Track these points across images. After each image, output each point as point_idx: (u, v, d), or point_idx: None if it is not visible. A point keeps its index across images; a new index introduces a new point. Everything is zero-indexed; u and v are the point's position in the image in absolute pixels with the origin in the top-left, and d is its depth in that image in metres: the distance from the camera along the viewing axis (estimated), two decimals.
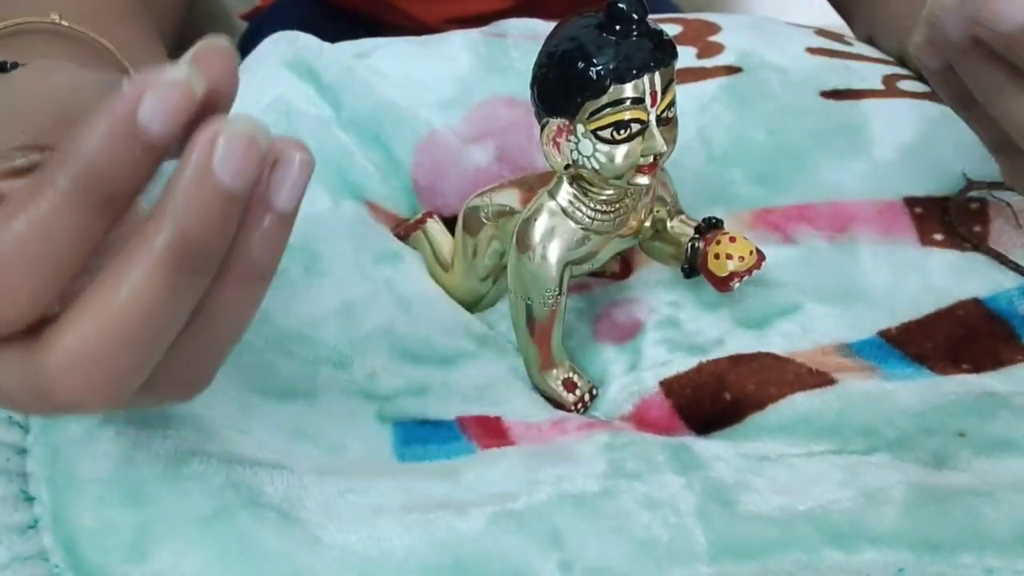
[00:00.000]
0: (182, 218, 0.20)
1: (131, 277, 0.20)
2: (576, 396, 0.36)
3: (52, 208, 0.20)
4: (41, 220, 0.20)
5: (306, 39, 0.47)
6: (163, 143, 0.20)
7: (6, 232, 0.20)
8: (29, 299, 0.21)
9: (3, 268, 0.20)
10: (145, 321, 0.21)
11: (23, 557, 0.27)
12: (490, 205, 0.37)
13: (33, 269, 0.20)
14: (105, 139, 0.19)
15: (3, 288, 0.20)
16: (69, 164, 0.20)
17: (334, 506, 0.29)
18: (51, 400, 0.22)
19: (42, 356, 0.21)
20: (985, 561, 0.28)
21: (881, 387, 0.34)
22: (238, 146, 0.20)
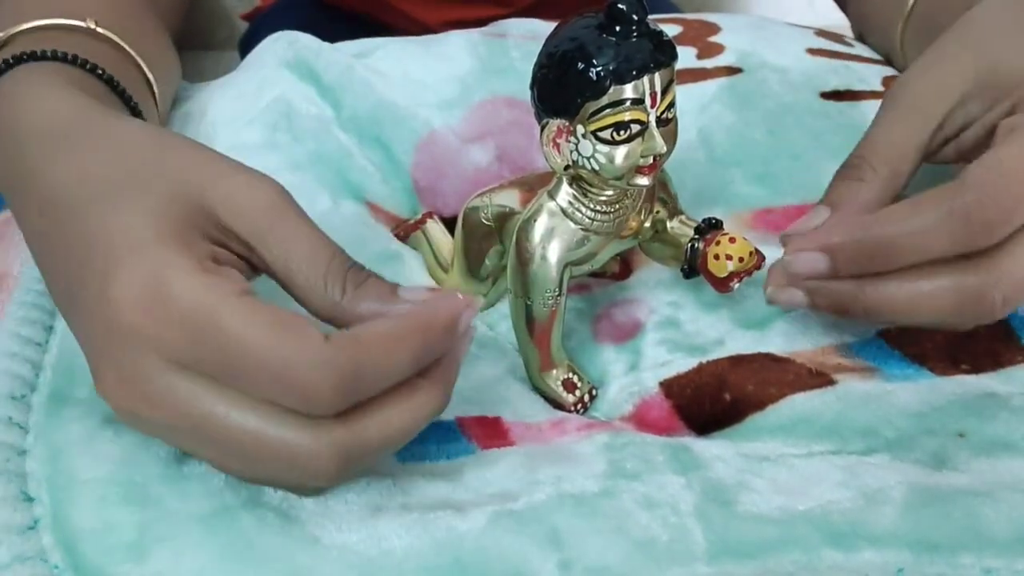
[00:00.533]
0: (448, 382, 0.29)
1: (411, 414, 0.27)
2: (576, 397, 0.36)
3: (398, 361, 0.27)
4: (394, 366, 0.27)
5: (306, 39, 0.47)
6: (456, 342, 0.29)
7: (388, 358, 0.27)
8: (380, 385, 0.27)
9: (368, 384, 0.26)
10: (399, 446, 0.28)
11: (23, 557, 0.27)
12: (490, 206, 0.37)
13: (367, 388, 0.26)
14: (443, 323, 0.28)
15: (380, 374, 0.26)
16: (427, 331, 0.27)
17: (333, 506, 0.29)
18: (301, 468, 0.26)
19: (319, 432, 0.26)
20: (984, 561, 0.28)
21: (881, 388, 0.34)
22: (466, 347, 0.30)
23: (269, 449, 0.26)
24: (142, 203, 0.28)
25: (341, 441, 0.26)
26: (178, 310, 0.25)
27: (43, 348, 0.34)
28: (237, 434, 0.26)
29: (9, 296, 0.35)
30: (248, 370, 0.25)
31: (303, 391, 0.25)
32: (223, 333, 0.25)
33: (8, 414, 0.31)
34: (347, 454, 0.26)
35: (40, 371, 0.33)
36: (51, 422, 0.31)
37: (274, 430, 0.26)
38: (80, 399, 0.32)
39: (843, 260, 0.32)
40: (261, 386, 0.25)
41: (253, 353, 0.25)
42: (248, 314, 0.25)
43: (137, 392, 0.26)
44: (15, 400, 0.32)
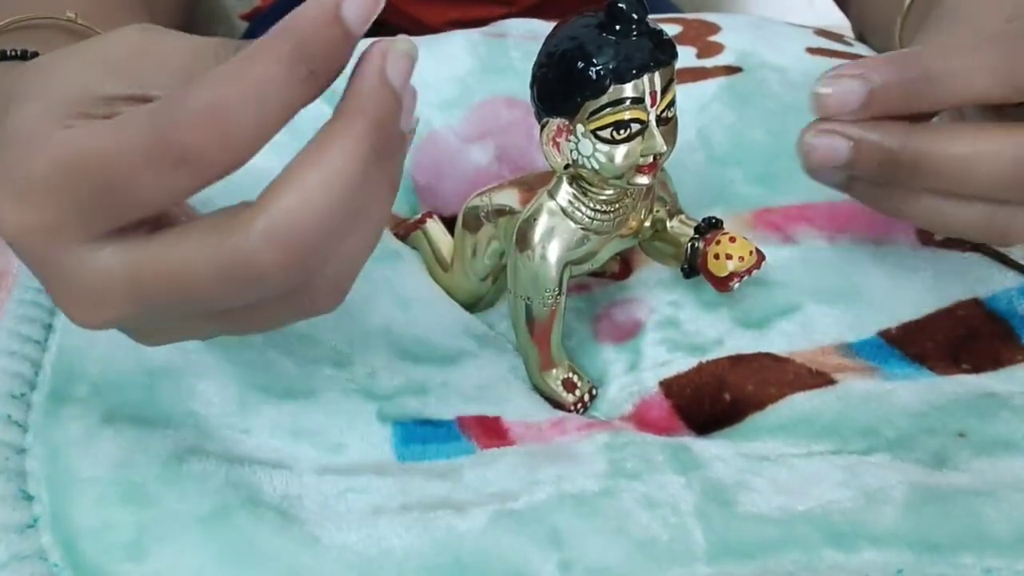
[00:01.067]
0: (373, 107, 0.24)
1: (333, 158, 0.23)
2: (576, 396, 0.36)
3: (271, 69, 0.22)
4: (262, 77, 0.22)
5: None
6: (357, 37, 0.24)
7: (232, 82, 0.22)
8: (235, 153, 0.23)
9: (225, 112, 0.22)
10: (343, 199, 0.23)
11: (22, 556, 0.27)
12: (490, 205, 0.37)
13: (248, 121, 0.22)
14: (317, 20, 0.23)
15: (220, 132, 0.22)
16: (289, 35, 0.23)
17: (333, 505, 0.29)
18: (247, 274, 0.23)
19: (241, 230, 0.23)
20: (985, 561, 0.28)
21: (881, 387, 0.34)
22: (404, 60, 0.25)
23: (203, 271, 0.23)
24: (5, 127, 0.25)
25: (266, 225, 0.23)
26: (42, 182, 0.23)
27: (42, 346, 0.34)
28: (168, 272, 0.24)
29: (8, 294, 0.35)
30: (122, 176, 0.23)
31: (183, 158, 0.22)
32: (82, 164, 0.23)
33: (7, 412, 0.31)
34: (281, 237, 0.23)
35: (39, 369, 0.33)
36: (50, 421, 0.31)
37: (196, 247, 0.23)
38: (80, 398, 0.32)
39: (883, 91, 0.29)
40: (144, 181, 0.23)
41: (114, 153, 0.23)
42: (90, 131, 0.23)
43: (81, 297, 0.24)
44: (14, 398, 0.32)
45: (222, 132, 0.22)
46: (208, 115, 0.22)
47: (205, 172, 0.23)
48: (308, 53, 0.23)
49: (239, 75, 0.22)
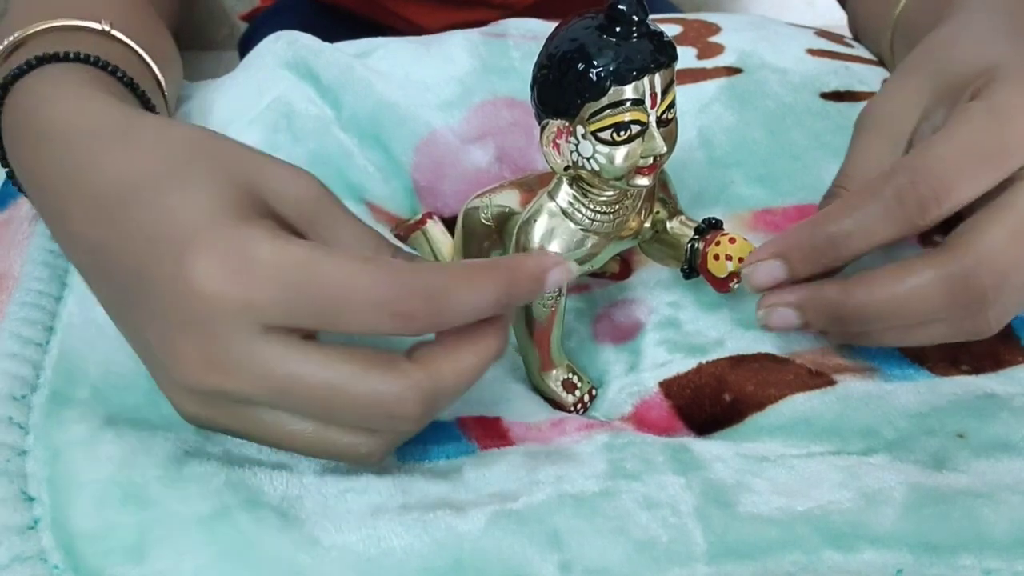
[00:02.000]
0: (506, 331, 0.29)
1: (485, 348, 0.28)
2: (575, 397, 0.36)
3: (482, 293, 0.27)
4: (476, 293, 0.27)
5: (306, 39, 0.47)
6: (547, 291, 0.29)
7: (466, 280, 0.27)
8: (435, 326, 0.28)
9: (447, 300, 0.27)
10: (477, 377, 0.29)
11: (23, 557, 0.27)
12: (490, 206, 0.37)
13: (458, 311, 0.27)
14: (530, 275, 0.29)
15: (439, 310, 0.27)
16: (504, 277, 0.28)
17: (333, 506, 0.29)
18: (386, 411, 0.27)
19: (403, 374, 0.27)
20: (984, 562, 0.28)
21: (881, 388, 0.34)
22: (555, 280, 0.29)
23: (357, 398, 0.27)
24: (203, 186, 0.28)
25: (422, 383, 0.27)
26: (269, 269, 0.26)
27: (43, 348, 0.34)
28: (324, 388, 0.26)
29: (9, 296, 0.35)
30: (345, 304, 0.26)
31: (399, 312, 0.26)
32: (318, 278, 0.26)
33: (8, 414, 0.31)
34: (430, 395, 0.27)
35: (40, 371, 0.33)
36: (51, 423, 0.31)
37: (354, 378, 0.26)
38: (80, 400, 0.32)
39: (797, 260, 0.33)
40: (358, 315, 0.26)
41: (350, 286, 0.26)
42: (337, 257, 0.27)
43: (220, 365, 0.27)
44: (15, 400, 0.32)
45: (436, 313, 0.27)
46: (435, 299, 0.27)
47: (400, 330, 0.27)
48: (515, 297, 0.28)
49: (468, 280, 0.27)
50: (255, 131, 0.43)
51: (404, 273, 0.27)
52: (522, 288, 0.28)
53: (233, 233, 0.27)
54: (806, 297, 0.33)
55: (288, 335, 0.27)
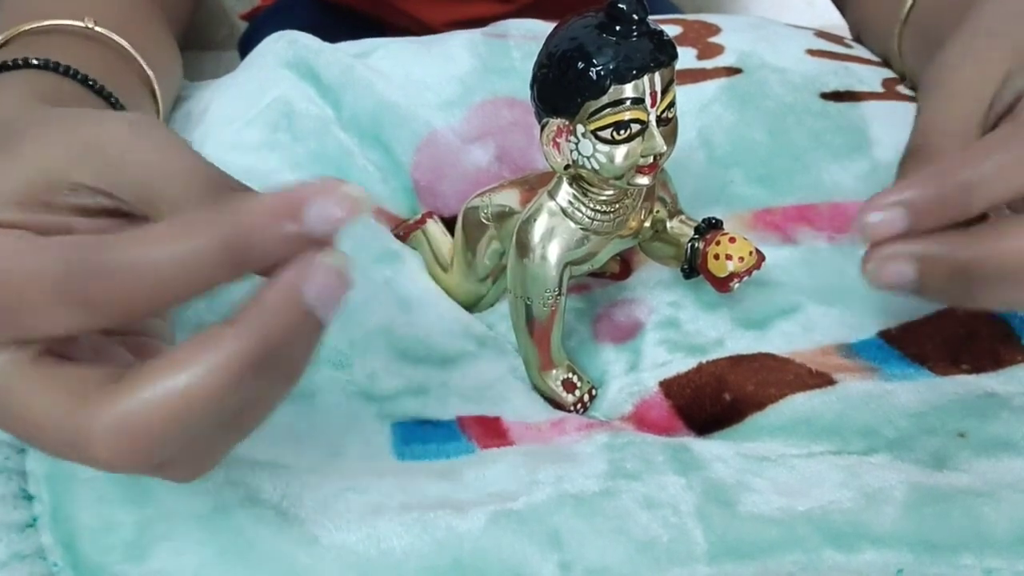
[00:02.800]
0: (269, 324, 0.22)
1: (202, 366, 0.21)
2: (575, 396, 0.36)
3: (197, 248, 0.21)
4: (186, 253, 0.22)
5: (306, 39, 0.47)
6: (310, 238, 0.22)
7: (156, 249, 0.22)
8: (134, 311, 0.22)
9: (140, 276, 0.22)
10: (199, 409, 0.22)
11: (22, 555, 0.27)
12: (490, 205, 0.37)
13: (158, 288, 0.22)
14: (269, 213, 0.22)
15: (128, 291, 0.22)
16: (229, 220, 0.22)
17: (333, 505, 0.29)
18: (78, 451, 0.22)
19: (89, 409, 0.22)
20: (985, 562, 0.28)
21: (881, 387, 0.34)
22: (332, 279, 0.22)
23: (46, 429, 0.23)
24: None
25: (112, 417, 0.22)
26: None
27: None
28: (23, 412, 0.23)
29: None
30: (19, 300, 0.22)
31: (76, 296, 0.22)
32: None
33: None
34: (122, 432, 0.22)
35: None
36: None
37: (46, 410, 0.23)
38: None
39: (923, 210, 0.29)
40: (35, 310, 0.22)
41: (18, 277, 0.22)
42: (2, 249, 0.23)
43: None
44: None
45: (132, 292, 0.22)
46: (126, 274, 0.22)
47: (102, 319, 0.22)
48: (250, 248, 0.22)
49: (168, 243, 0.22)
50: (255, 131, 0.43)
51: (74, 245, 0.22)
52: (260, 233, 0.21)
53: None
54: (929, 249, 0.29)
55: (12, 353, 0.23)
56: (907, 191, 0.29)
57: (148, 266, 0.22)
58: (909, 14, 0.46)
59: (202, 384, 0.21)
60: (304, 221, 0.21)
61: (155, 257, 0.22)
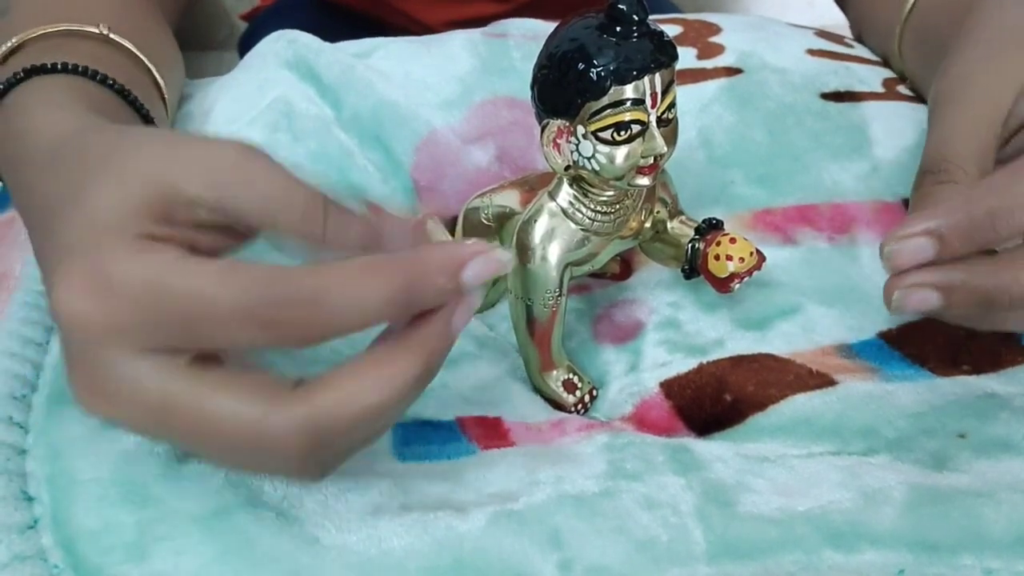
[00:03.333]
0: (431, 350, 0.26)
1: (385, 380, 0.25)
2: (576, 397, 0.36)
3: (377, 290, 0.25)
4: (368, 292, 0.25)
5: (306, 39, 0.47)
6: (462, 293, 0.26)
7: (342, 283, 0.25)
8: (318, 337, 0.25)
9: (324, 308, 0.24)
10: (377, 415, 0.25)
11: (23, 556, 0.27)
12: (490, 206, 0.37)
13: (340, 320, 0.25)
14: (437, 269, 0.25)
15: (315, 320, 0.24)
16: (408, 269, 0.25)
17: (333, 506, 0.29)
18: (266, 450, 0.25)
19: (281, 409, 0.24)
20: (985, 562, 0.28)
21: (881, 388, 0.34)
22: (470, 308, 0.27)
23: (228, 430, 0.25)
24: (83, 208, 0.27)
25: (303, 416, 0.24)
26: (121, 289, 0.25)
27: (43, 348, 0.34)
28: (197, 416, 0.25)
29: (9, 296, 0.35)
30: (205, 318, 0.24)
31: (263, 321, 0.24)
32: (170, 293, 0.24)
33: (8, 413, 0.31)
34: (312, 431, 0.25)
35: (40, 371, 0.33)
36: (51, 422, 0.31)
37: (232, 409, 0.25)
38: None
39: (951, 238, 0.29)
40: (221, 328, 0.24)
41: (205, 299, 0.24)
42: (189, 269, 0.25)
43: (102, 392, 0.26)
44: (15, 400, 0.32)
45: (313, 320, 0.24)
46: (308, 304, 0.24)
47: (279, 341, 0.25)
48: (417, 296, 0.25)
49: (350, 279, 0.25)
50: (255, 131, 0.43)
51: (266, 280, 0.24)
52: (428, 285, 0.25)
53: (91, 255, 0.25)
54: (954, 277, 0.29)
55: (169, 358, 0.25)
56: (933, 220, 0.30)
57: (334, 299, 0.24)
58: (910, 15, 0.46)
59: (381, 394, 0.25)
60: (462, 279, 0.26)
61: (343, 292, 0.24)
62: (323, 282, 0.24)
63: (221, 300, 0.24)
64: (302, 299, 0.24)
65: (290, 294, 0.24)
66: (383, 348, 0.26)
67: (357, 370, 0.25)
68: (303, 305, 0.24)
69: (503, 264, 0.26)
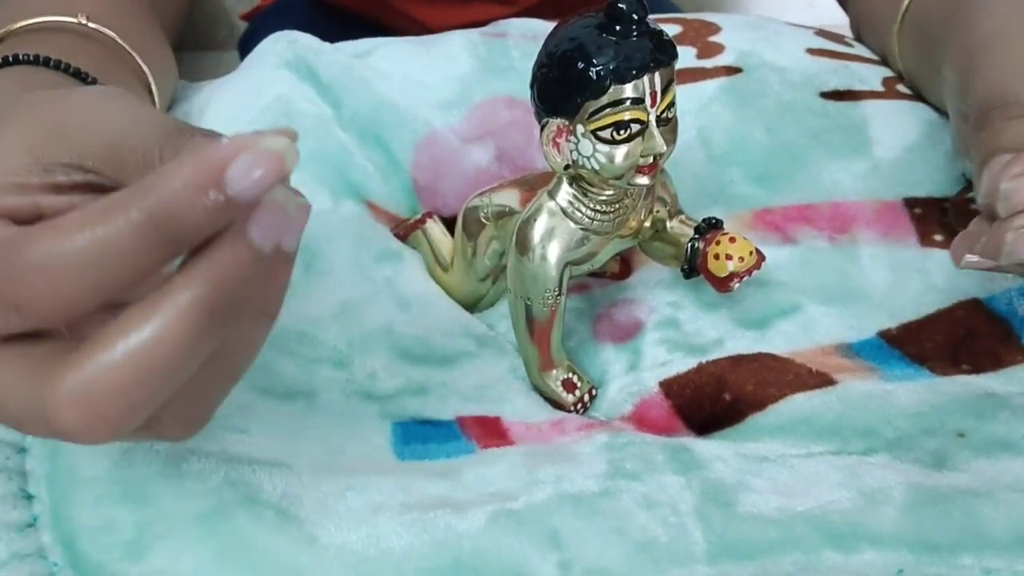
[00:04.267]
0: (217, 272, 0.21)
1: (158, 320, 0.21)
2: (575, 396, 0.36)
3: (117, 232, 0.20)
4: (105, 239, 0.20)
5: (306, 39, 0.47)
6: (240, 204, 0.20)
7: (68, 240, 0.21)
8: (68, 307, 0.21)
9: (57, 271, 0.21)
10: (164, 364, 0.21)
11: (22, 555, 0.27)
12: (490, 205, 0.37)
13: (83, 281, 0.21)
14: (189, 185, 0.20)
15: (51, 289, 0.21)
16: (147, 197, 0.20)
17: (333, 505, 0.29)
18: (48, 425, 0.22)
19: (51, 380, 0.22)
20: (984, 562, 0.28)
21: (881, 388, 0.34)
22: (275, 214, 0.21)
23: (17, 410, 0.23)
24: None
25: (73, 384, 0.21)
26: None
27: None
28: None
29: None
30: None
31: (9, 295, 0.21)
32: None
33: None
34: (86, 396, 0.21)
35: None
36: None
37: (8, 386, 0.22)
38: None
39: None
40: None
41: None
42: None
43: None
44: None
45: (55, 291, 0.21)
46: (41, 273, 0.21)
47: (39, 320, 0.22)
48: (176, 226, 0.20)
49: (80, 229, 0.21)
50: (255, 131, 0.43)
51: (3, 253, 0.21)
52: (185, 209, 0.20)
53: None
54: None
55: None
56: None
57: (66, 257, 0.21)
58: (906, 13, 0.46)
59: (160, 338, 0.21)
60: (227, 187, 0.20)
61: (72, 247, 0.21)
62: (53, 236, 0.21)
63: None
64: (37, 277, 0.21)
65: (24, 271, 0.21)
66: (158, 290, 0.22)
67: (130, 317, 0.21)
68: (39, 283, 0.21)
69: (276, 155, 0.20)
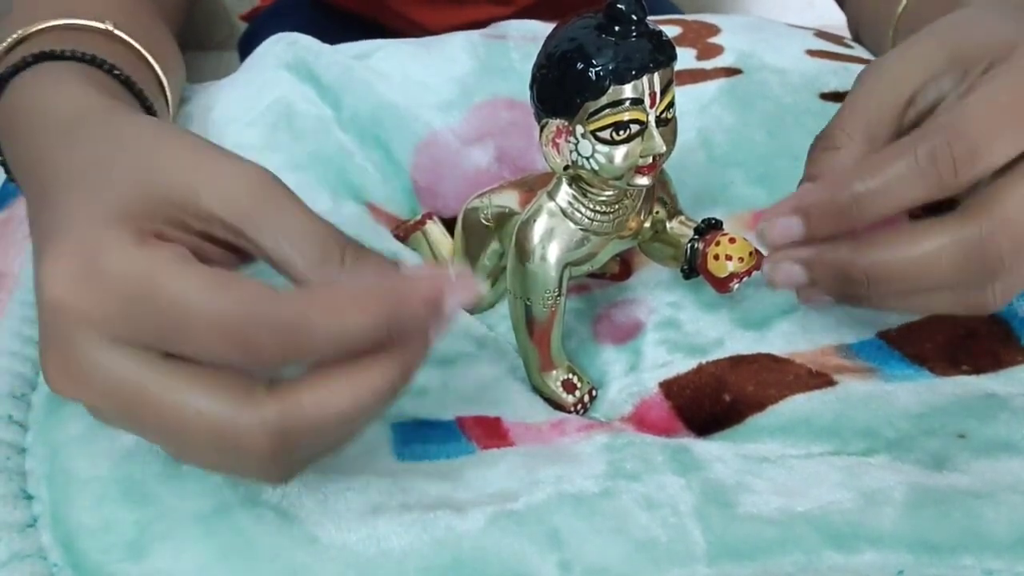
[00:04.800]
0: (411, 360, 0.26)
1: (357, 386, 0.25)
2: (575, 397, 0.36)
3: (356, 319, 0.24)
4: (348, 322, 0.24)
5: (306, 40, 0.47)
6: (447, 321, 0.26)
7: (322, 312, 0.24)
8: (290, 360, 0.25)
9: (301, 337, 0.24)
10: (348, 420, 0.25)
11: (22, 555, 0.27)
12: (489, 206, 0.37)
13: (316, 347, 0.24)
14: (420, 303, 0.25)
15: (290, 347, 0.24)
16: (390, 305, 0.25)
17: (333, 505, 0.29)
18: (235, 449, 0.25)
19: (256, 409, 0.24)
20: (985, 563, 0.28)
21: (881, 388, 0.34)
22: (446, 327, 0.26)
23: (197, 425, 0.24)
24: (99, 191, 0.27)
25: (274, 416, 0.24)
26: (111, 280, 0.25)
27: None
28: (166, 409, 0.25)
29: (9, 295, 0.35)
30: (186, 325, 0.24)
31: (243, 340, 0.24)
32: (158, 294, 0.24)
33: (8, 412, 0.31)
34: (280, 431, 0.24)
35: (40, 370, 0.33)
36: (51, 420, 0.31)
37: (203, 404, 0.24)
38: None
39: (817, 218, 0.31)
40: (199, 339, 0.24)
41: (191, 308, 0.24)
42: (184, 274, 0.25)
43: (74, 375, 0.25)
44: (15, 398, 0.32)
45: (289, 346, 0.24)
46: (289, 330, 0.24)
47: (252, 362, 0.24)
48: (396, 324, 0.25)
49: (335, 310, 0.24)
50: (255, 132, 0.43)
51: (253, 300, 0.24)
52: (411, 315, 0.25)
53: (90, 239, 0.25)
54: (816, 254, 0.32)
55: (143, 349, 0.25)
56: (803, 200, 0.32)
57: (312, 330, 0.24)
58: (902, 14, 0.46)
59: (353, 402, 0.25)
60: (442, 309, 0.25)
61: (321, 321, 0.24)
62: (308, 310, 0.24)
63: (203, 312, 0.24)
64: (284, 325, 0.24)
65: (273, 319, 0.24)
66: (360, 359, 0.25)
67: (331, 375, 0.25)
68: (284, 331, 0.24)
69: (481, 292, 0.27)
